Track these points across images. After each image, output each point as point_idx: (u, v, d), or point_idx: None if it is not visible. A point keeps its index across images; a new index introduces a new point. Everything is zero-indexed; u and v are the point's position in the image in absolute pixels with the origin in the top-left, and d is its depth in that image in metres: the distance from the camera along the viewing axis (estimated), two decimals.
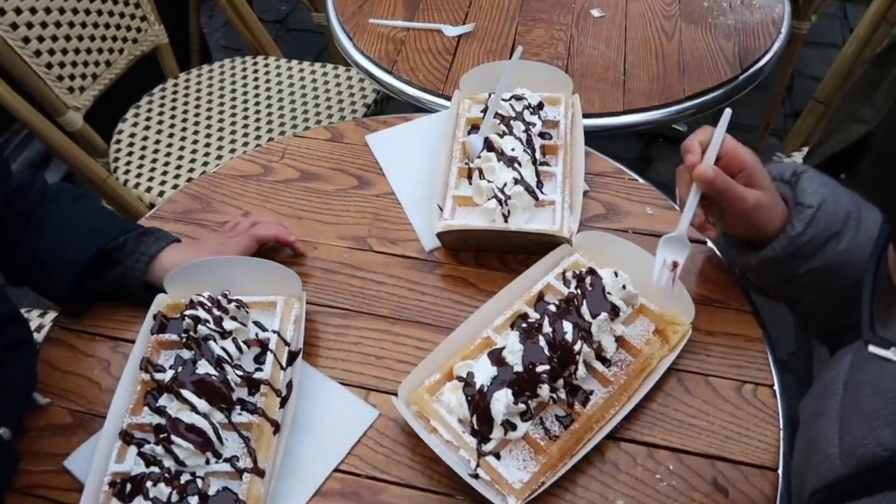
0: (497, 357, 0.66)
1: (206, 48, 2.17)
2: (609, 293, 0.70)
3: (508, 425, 0.63)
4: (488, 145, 0.84)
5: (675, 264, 0.69)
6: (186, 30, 1.99)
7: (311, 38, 2.34)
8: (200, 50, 2.05)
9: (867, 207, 0.68)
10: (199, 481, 0.62)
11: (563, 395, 0.65)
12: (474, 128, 0.89)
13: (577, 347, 0.65)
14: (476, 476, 0.63)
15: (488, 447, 0.63)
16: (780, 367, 0.73)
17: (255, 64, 1.60)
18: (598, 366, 0.69)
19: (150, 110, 1.51)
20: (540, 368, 0.64)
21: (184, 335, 0.69)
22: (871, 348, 0.39)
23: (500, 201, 0.79)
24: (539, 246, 0.79)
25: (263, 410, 0.67)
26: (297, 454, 0.67)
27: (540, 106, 0.90)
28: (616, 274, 0.72)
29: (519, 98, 0.88)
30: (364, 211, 0.87)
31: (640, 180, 0.89)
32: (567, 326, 0.66)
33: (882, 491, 0.49)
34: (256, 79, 1.55)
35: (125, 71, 1.48)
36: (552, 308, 0.70)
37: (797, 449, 0.63)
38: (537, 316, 0.70)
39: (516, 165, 0.81)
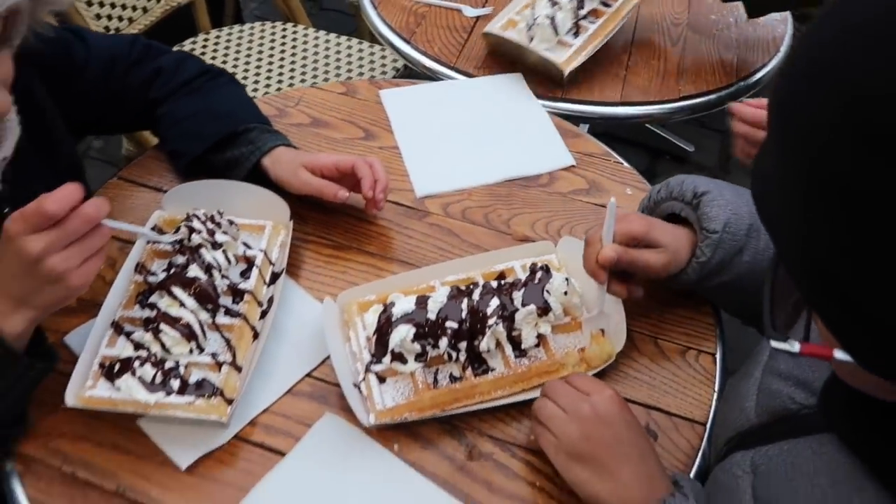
0: (422, 300, 0.72)
1: (240, 15, 2.25)
2: (548, 292, 0.72)
3: (399, 357, 0.69)
4: None
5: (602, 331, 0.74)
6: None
7: (342, 18, 2.42)
8: (234, 14, 2.12)
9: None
10: (181, 369, 0.69)
11: (461, 358, 0.71)
12: None
13: (490, 322, 0.70)
14: (357, 387, 0.69)
15: (376, 368, 0.70)
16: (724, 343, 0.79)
17: (284, 30, 1.67)
18: (508, 349, 0.72)
19: None
20: (448, 324, 0.69)
21: (177, 244, 0.75)
22: (774, 343, 0.44)
23: (528, 26, 1.05)
24: (545, 70, 1.05)
25: (245, 316, 0.73)
26: (274, 357, 0.74)
27: None
28: (568, 281, 0.74)
29: None
30: None
31: (625, 164, 0.96)
32: (493, 303, 0.71)
33: (786, 438, 0.55)
34: (283, 43, 1.63)
35: (160, 20, 1.56)
36: (494, 285, 0.74)
37: (719, 409, 0.69)
38: (479, 286, 0.74)
39: (554, 7, 1.06)
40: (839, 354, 0.40)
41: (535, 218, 0.88)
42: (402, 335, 0.69)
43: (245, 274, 0.77)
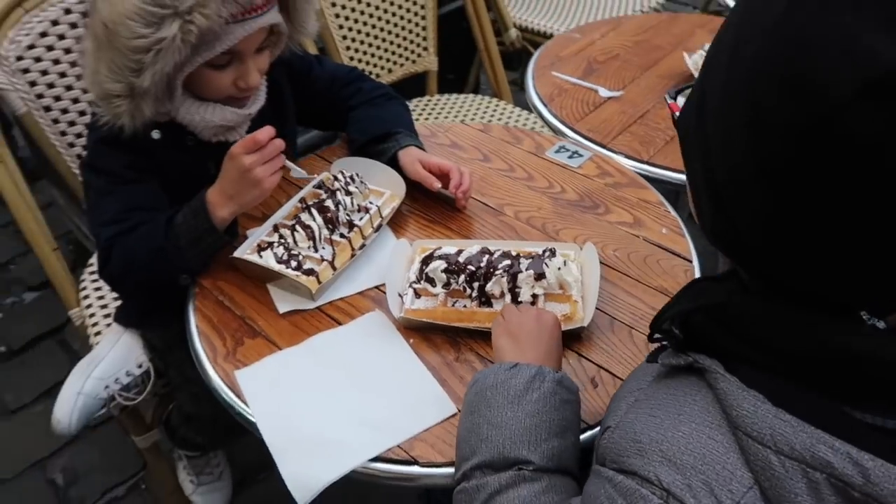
0: (459, 250, 1.02)
1: (478, 87, 2.76)
2: (546, 265, 0.96)
3: (430, 281, 0.99)
4: None
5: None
6: (465, 75, 2.60)
7: None
8: (474, 86, 2.64)
9: None
10: (301, 257, 1.06)
11: (473, 294, 0.98)
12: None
13: (498, 272, 0.96)
14: (400, 296, 1.00)
15: (415, 285, 1.00)
16: None
17: (489, 102, 2.10)
18: (507, 297, 0.97)
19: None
20: (469, 267, 0.97)
21: (321, 186, 1.14)
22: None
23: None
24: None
25: (350, 240, 1.09)
26: (359, 270, 1.08)
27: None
28: (565, 263, 0.98)
29: None
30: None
31: (672, 211, 1.17)
32: (505, 262, 0.97)
33: None
34: (477, 109, 2.05)
35: (399, 80, 2.07)
36: (513, 253, 1.01)
37: None
38: (503, 254, 1.00)
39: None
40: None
41: (579, 233, 1.14)
42: (435, 265, 0.99)
43: (361, 217, 1.14)
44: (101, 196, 1.11)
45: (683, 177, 1.33)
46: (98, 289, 1.54)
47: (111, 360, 1.29)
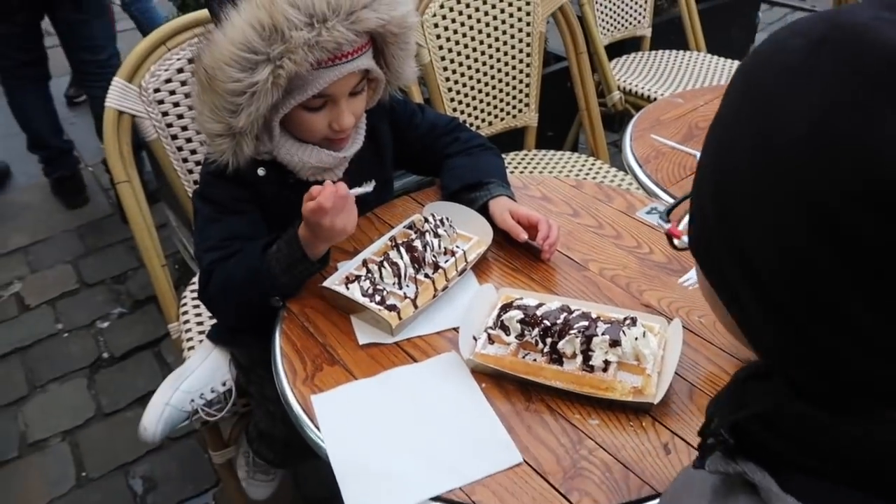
0: (539, 304, 1.02)
1: (577, 146, 2.78)
2: (624, 333, 0.94)
3: (504, 329, 0.99)
4: None
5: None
6: (564, 134, 2.63)
7: None
8: (573, 144, 2.67)
9: None
10: (384, 292, 1.10)
11: (544, 350, 0.97)
12: None
13: (573, 332, 0.95)
14: (475, 338, 1.01)
15: (490, 330, 1.01)
16: None
17: (585, 160, 2.12)
18: (578, 359, 0.94)
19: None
20: (545, 322, 0.97)
21: (410, 227, 1.18)
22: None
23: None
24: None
25: (434, 280, 1.12)
26: (439, 311, 1.10)
27: None
28: (644, 334, 0.95)
29: None
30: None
31: None
32: (581, 322, 0.96)
33: None
34: (580, 169, 2.07)
35: (498, 133, 2.12)
36: (593, 315, 0.99)
37: None
38: (582, 314, 0.99)
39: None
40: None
41: (663, 295, 1.12)
42: (512, 315, 1.00)
43: (447, 260, 1.17)
44: (207, 223, 1.19)
45: None
46: (196, 306, 1.63)
47: (199, 375, 1.36)
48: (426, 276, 1.13)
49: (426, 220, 1.18)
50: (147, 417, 1.25)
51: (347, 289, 1.09)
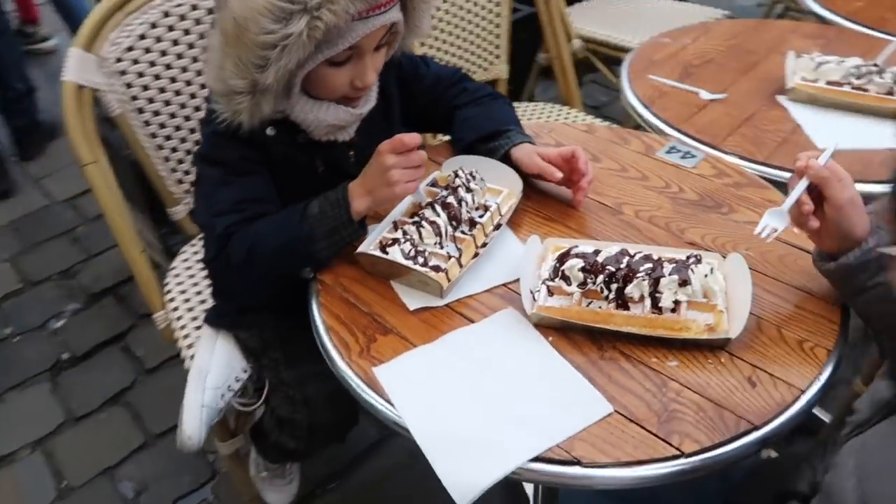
0: (597, 250, 0.98)
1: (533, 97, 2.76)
2: (692, 271, 0.92)
3: (566, 279, 0.95)
4: None
5: (774, 229, 0.94)
6: (520, 85, 2.60)
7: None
8: (529, 96, 2.64)
9: None
10: (427, 253, 1.03)
11: (610, 297, 0.93)
12: None
13: (639, 276, 0.92)
14: (532, 293, 0.97)
15: (549, 282, 0.97)
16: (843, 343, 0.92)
17: (560, 110, 2.08)
18: (647, 302, 0.91)
19: None
20: (608, 268, 0.94)
21: (444, 187, 1.12)
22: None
23: None
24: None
25: (474, 237, 1.06)
26: (484, 268, 1.05)
27: None
28: (711, 270, 0.94)
29: None
30: None
31: None
32: (646, 265, 0.93)
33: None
34: (557, 119, 2.03)
35: None
36: (654, 256, 0.96)
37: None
38: (644, 257, 0.96)
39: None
40: None
41: (705, 232, 1.10)
42: (573, 264, 0.96)
43: (482, 215, 1.11)
44: (216, 186, 1.10)
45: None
46: (183, 291, 1.52)
47: (218, 368, 1.27)
48: (463, 233, 1.07)
49: (456, 176, 1.11)
50: (188, 425, 1.16)
51: (387, 253, 1.02)
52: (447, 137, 1.35)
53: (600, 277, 0.95)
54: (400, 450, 1.77)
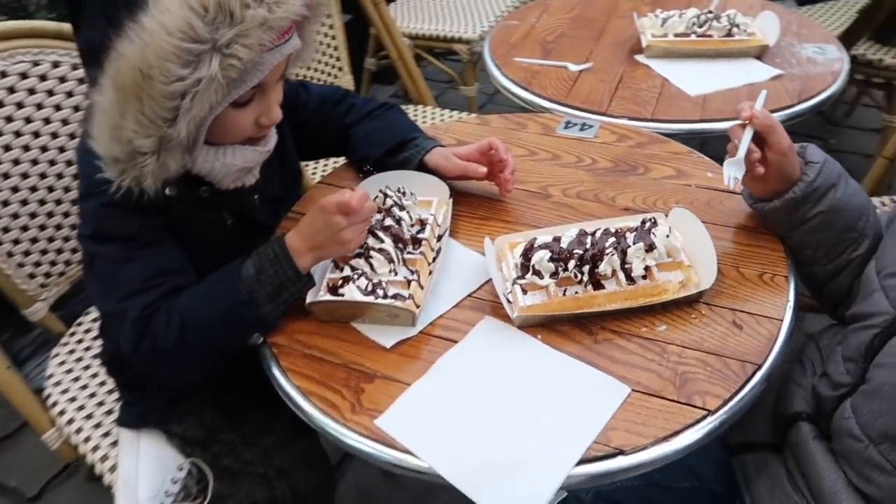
0: (556, 237, 0.97)
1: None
2: (654, 234, 0.94)
3: (537, 273, 0.93)
4: None
5: (736, 178, 0.97)
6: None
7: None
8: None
9: (847, 174, 0.96)
10: (383, 284, 0.96)
11: (584, 279, 0.93)
12: None
13: (607, 252, 0.92)
14: (506, 297, 0.93)
15: (520, 281, 0.94)
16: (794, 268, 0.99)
17: (415, 109, 2.06)
18: (621, 276, 0.92)
19: None
20: (575, 251, 0.93)
21: (378, 212, 1.05)
22: None
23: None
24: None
25: (424, 253, 1.01)
26: (444, 285, 1.00)
27: None
28: (670, 229, 0.96)
29: None
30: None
31: (705, 158, 1.20)
32: (610, 240, 0.94)
33: None
34: (415, 118, 2.00)
35: None
36: (612, 229, 0.97)
37: None
38: (605, 233, 0.96)
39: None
40: None
41: (635, 195, 1.13)
42: (540, 256, 0.94)
43: (421, 231, 1.06)
44: (115, 266, 0.95)
45: (694, 126, 1.36)
46: (73, 399, 1.31)
47: (148, 473, 1.11)
48: (410, 253, 1.01)
49: (386, 196, 1.05)
50: None
51: (342, 294, 0.94)
52: (343, 160, 1.27)
53: (571, 263, 0.94)
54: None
